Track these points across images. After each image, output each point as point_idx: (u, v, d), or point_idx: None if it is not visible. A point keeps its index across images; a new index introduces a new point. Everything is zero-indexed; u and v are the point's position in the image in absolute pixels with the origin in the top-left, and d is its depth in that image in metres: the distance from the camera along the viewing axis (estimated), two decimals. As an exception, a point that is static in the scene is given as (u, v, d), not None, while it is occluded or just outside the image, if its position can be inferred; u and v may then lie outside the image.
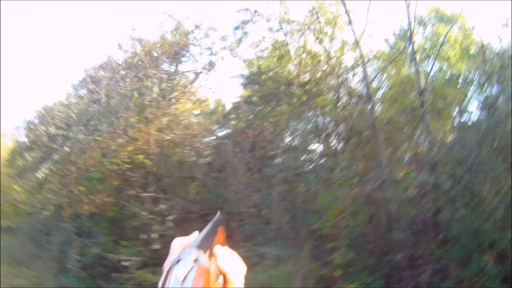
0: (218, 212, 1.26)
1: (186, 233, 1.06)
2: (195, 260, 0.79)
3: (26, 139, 12.11)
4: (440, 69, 12.10)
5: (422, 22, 12.61)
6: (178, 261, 0.78)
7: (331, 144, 12.24)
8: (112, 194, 11.45)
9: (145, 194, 11.04)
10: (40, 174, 10.66)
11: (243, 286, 0.97)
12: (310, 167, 11.72)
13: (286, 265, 8.17)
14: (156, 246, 10.20)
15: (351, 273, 8.17)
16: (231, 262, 0.95)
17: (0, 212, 14.71)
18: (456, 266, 7.26)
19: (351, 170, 9.28)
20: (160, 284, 0.78)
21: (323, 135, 11.41)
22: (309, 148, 12.26)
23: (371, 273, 8.10)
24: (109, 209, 11.25)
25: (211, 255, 0.92)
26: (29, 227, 13.11)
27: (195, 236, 0.99)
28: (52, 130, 10.86)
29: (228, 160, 10.94)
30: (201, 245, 0.86)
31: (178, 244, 0.96)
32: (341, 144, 11.96)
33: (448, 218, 7.66)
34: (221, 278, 0.93)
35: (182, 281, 0.73)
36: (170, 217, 10.65)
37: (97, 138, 11.09)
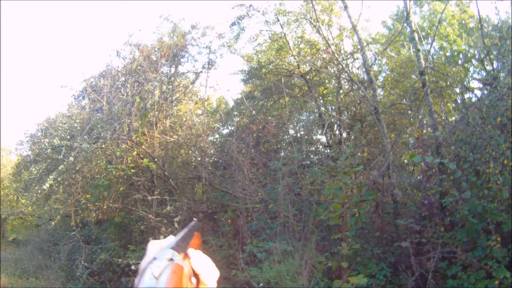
0: (195, 219, 1.32)
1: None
2: (170, 259, 0.83)
3: (30, 153, 12.13)
4: (440, 47, 11.86)
5: (418, 1, 12.34)
6: (154, 259, 0.83)
7: (335, 133, 12.08)
8: (118, 199, 11.50)
9: (152, 197, 10.99)
10: (46, 186, 10.62)
11: None
12: (315, 158, 11.58)
13: (294, 259, 8.02)
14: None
15: (358, 263, 8.05)
16: (204, 265, 0.98)
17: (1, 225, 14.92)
18: (463, 251, 7.07)
19: (356, 157, 9.09)
20: (136, 282, 0.82)
21: (326, 124, 11.22)
22: (313, 138, 12.11)
23: (379, 262, 7.96)
24: (116, 214, 11.27)
25: (186, 256, 0.93)
26: (37, 239, 13.25)
27: (171, 239, 1.00)
28: (56, 141, 10.81)
29: (233, 157, 10.82)
30: (176, 247, 0.89)
31: (154, 245, 0.98)
32: (345, 132, 11.80)
33: (454, 201, 7.46)
34: (194, 280, 0.94)
35: (158, 277, 0.77)
36: (177, 218, 10.59)
37: (102, 145, 11.06)
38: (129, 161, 11.28)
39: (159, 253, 0.84)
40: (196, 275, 0.94)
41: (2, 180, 15.99)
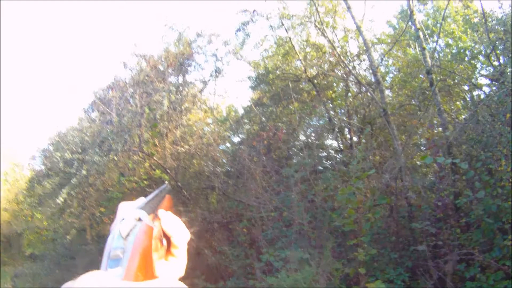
0: (166, 182, 1.33)
1: (210, 243, 1.03)
2: (139, 219, 0.80)
3: (43, 167, 12.24)
4: (446, 44, 11.81)
5: (421, -1, 12.29)
6: (122, 220, 0.79)
7: (346, 137, 12.05)
8: (133, 211, 11.50)
9: (166, 209, 11.01)
10: (60, 200, 10.73)
11: (185, 251, 0.98)
12: (327, 163, 11.56)
13: (310, 267, 8.02)
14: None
15: (376, 268, 8.04)
16: (175, 226, 0.94)
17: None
18: (480, 252, 7.05)
19: (367, 161, 9.07)
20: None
21: (337, 128, 11.22)
22: (324, 143, 12.09)
23: (396, 266, 7.94)
24: (131, 227, 11.30)
25: (155, 217, 0.91)
26: (54, 253, 13.28)
27: (141, 201, 0.96)
28: (68, 155, 10.91)
29: (245, 166, 10.83)
30: (145, 207, 0.86)
31: (124, 207, 0.93)
32: (355, 136, 11.77)
33: (468, 201, 7.45)
34: (165, 242, 0.93)
35: (126, 237, 0.75)
36: (192, 229, 10.58)
37: (113, 158, 11.13)
38: (141, 173, 11.33)
39: (127, 213, 0.82)
40: (166, 237, 0.92)
41: (16, 195, 16.16)
